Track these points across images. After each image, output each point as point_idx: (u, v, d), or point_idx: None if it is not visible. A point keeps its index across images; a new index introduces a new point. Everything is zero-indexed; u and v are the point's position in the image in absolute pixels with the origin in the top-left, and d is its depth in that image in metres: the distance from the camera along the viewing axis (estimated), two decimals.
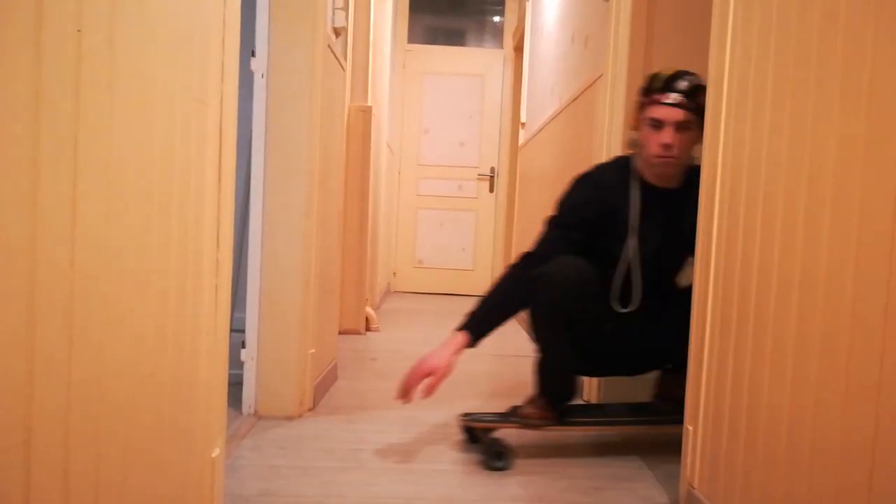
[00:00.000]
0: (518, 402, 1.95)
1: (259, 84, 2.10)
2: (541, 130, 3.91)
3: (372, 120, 3.70)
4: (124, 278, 0.89)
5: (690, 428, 1.52)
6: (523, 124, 4.75)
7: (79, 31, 0.76)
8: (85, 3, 0.77)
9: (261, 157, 2.10)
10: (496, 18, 6.20)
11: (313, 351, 2.23)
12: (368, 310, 3.83)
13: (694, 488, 1.48)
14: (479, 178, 5.82)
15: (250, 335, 2.14)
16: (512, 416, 1.90)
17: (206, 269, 1.17)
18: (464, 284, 5.84)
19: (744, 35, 1.37)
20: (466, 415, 1.96)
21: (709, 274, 1.47)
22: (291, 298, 2.12)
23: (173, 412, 1.09)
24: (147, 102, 0.93)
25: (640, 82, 2.34)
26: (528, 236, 4.26)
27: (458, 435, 2.04)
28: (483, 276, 5.84)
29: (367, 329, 3.83)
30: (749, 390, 1.26)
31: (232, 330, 2.58)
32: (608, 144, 2.38)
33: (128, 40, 0.86)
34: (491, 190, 5.83)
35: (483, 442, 1.87)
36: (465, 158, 5.82)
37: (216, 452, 1.25)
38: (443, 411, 2.30)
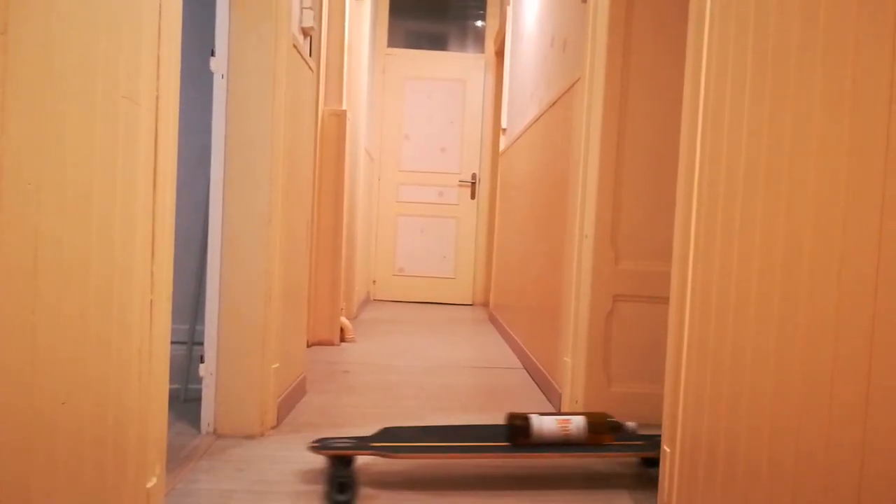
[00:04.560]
0: (498, 414, 1.85)
1: (219, 84, 2.00)
2: (520, 136, 3.84)
3: (347, 124, 3.60)
4: (33, 297, 0.79)
5: (668, 449, 1.43)
6: (504, 130, 4.68)
7: None
8: None
9: (220, 162, 2.00)
10: (478, 23, 6.13)
11: (276, 366, 2.12)
12: (343, 319, 3.72)
13: None
14: (460, 185, 5.73)
15: (209, 349, 2.03)
16: (370, 443, 1.67)
17: (138, 283, 1.06)
18: (445, 292, 5.74)
19: (721, 37, 1.29)
20: (319, 441, 1.67)
21: (686, 286, 1.39)
22: (252, 311, 2.02)
23: (97, 443, 0.99)
24: (55, 99, 0.83)
25: (617, 85, 2.27)
26: (508, 243, 4.17)
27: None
28: (464, 284, 5.75)
29: (342, 340, 3.72)
30: (728, 411, 1.17)
31: (194, 343, 2.48)
32: (586, 148, 2.30)
33: (26, 26, 0.77)
34: (472, 196, 5.74)
35: (330, 471, 1.63)
36: (446, 164, 5.74)
37: (152, 482, 1.15)
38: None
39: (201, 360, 2.05)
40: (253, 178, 2.00)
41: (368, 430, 2.14)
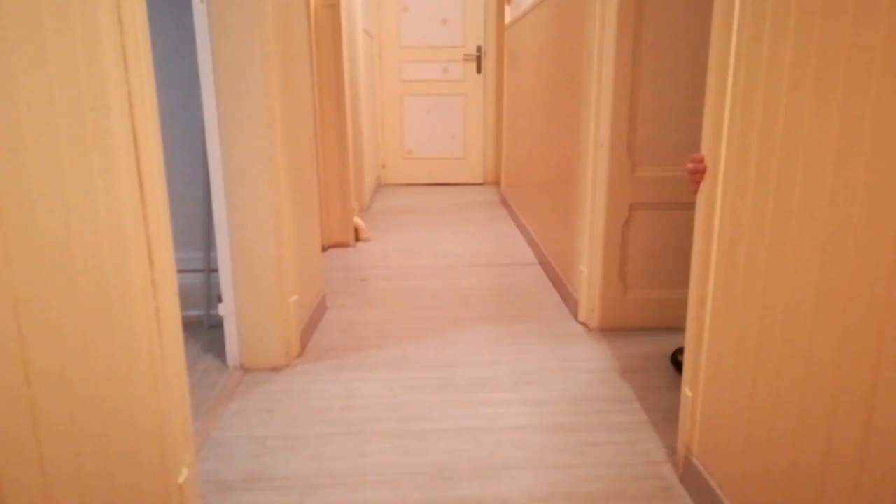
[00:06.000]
0: (516, 324, 1.86)
1: (199, 11, 1.84)
2: (526, 14, 3.57)
3: (342, 13, 3.36)
4: (39, 323, 0.76)
5: (690, 393, 1.44)
6: (509, 0, 4.36)
7: None
8: None
9: (211, 95, 1.88)
10: None
11: (296, 297, 2.13)
12: (357, 220, 3.69)
13: (692, 455, 1.42)
14: (465, 59, 5.45)
15: (226, 289, 2.03)
16: None
17: (139, 296, 1.03)
18: (455, 173, 5.65)
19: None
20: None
21: (713, 223, 1.32)
22: (265, 249, 1.99)
23: (120, 448, 1.00)
24: (12, 122, 0.75)
25: None
26: (517, 120, 4.02)
27: (453, 380, 1.98)
28: (474, 163, 5.64)
29: (357, 239, 3.72)
30: (755, 355, 1.15)
31: (211, 270, 2.48)
32: (600, 50, 2.13)
33: None
34: (478, 71, 5.48)
35: None
36: (449, 38, 5.43)
37: (184, 476, 1.18)
38: (435, 345, 2.23)
39: (219, 299, 2.06)
40: (249, 104, 1.89)
41: (392, 353, 2.17)
